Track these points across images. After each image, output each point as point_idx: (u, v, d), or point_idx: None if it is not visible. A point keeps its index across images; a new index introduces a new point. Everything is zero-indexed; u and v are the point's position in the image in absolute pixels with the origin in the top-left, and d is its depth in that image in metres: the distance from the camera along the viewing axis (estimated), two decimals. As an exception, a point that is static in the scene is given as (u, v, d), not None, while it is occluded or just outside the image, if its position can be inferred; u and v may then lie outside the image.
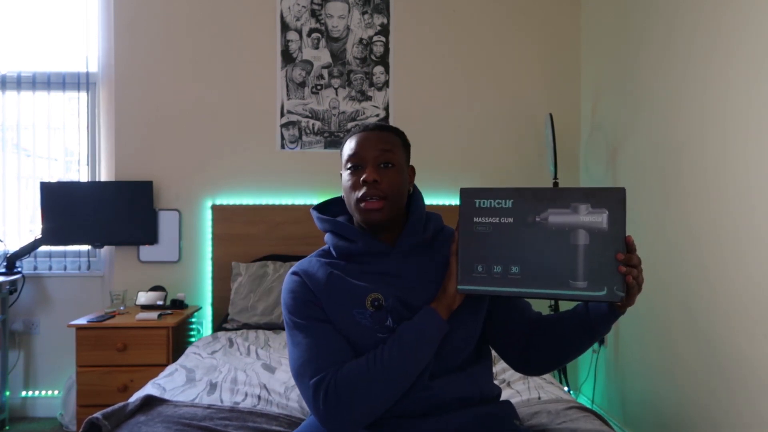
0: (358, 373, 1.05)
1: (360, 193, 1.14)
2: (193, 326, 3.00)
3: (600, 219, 0.98)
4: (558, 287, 1.00)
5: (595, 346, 2.92)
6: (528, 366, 1.22)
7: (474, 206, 1.05)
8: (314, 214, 1.27)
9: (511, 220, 1.03)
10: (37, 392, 3.07)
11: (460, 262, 1.06)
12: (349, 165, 1.18)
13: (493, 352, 1.28)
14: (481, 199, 1.05)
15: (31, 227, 3.16)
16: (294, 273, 1.20)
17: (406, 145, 1.24)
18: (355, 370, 1.06)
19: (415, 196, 1.25)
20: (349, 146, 1.19)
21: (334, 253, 1.22)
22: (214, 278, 2.99)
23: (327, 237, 1.24)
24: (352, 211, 1.19)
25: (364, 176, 1.14)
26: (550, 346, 1.16)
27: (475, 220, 1.05)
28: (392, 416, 1.12)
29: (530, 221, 1.02)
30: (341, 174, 1.23)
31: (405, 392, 1.09)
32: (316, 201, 3.01)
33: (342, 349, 1.11)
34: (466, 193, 1.06)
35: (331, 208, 1.31)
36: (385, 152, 1.16)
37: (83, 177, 3.13)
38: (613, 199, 0.98)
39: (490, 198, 1.04)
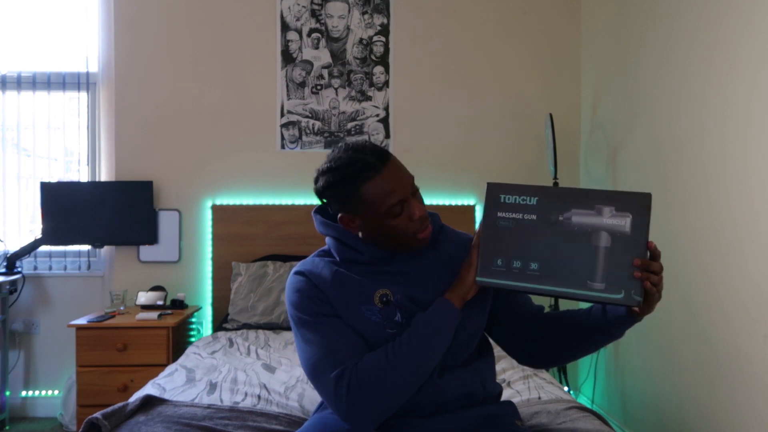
0: (378, 363, 1.05)
1: (416, 230, 1.12)
2: (193, 326, 3.00)
3: (623, 222, 0.98)
4: (575, 287, 1.00)
5: (595, 346, 2.92)
6: (532, 359, 1.23)
7: (499, 201, 1.06)
8: (317, 218, 1.23)
9: (534, 217, 1.04)
10: (37, 392, 3.07)
11: (481, 254, 1.07)
12: (396, 213, 1.10)
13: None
14: (506, 195, 1.06)
15: (31, 227, 3.16)
16: (298, 273, 1.18)
17: None
18: (375, 361, 1.06)
19: None
20: (383, 191, 1.08)
21: (337, 257, 1.21)
22: (214, 278, 2.99)
23: (329, 240, 1.22)
24: (397, 242, 1.14)
25: (418, 214, 1.11)
26: (560, 342, 1.17)
27: (499, 214, 1.06)
28: (398, 415, 1.12)
29: (553, 220, 1.02)
30: (345, 217, 1.15)
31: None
32: (316, 201, 3.01)
33: (356, 342, 1.10)
34: (492, 188, 1.07)
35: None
36: (413, 182, 1.14)
37: (83, 177, 3.13)
38: (638, 204, 0.98)
39: (516, 194, 1.06)
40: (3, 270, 2.94)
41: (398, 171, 1.11)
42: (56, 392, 3.06)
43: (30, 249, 2.92)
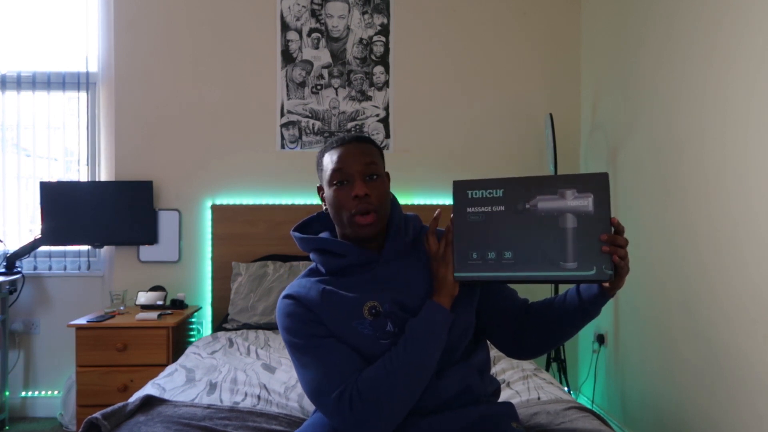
0: (378, 376, 1.06)
1: (353, 209, 1.14)
2: (193, 326, 3.00)
3: (586, 203, 1.02)
4: (550, 269, 1.03)
5: (596, 345, 2.92)
6: (521, 350, 1.24)
7: (467, 197, 1.10)
8: (296, 235, 1.25)
9: (502, 208, 1.08)
10: (37, 392, 3.07)
11: (456, 250, 1.09)
12: (335, 181, 1.16)
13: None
14: (473, 190, 1.10)
15: (31, 227, 3.16)
16: (286, 297, 1.19)
17: (381, 154, 1.25)
18: (374, 374, 1.07)
19: (393, 201, 1.26)
20: (331, 160, 1.18)
21: (323, 269, 1.22)
22: (214, 278, 2.99)
23: (313, 256, 1.23)
24: (343, 226, 1.19)
25: (355, 191, 1.14)
26: (543, 330, 1.19)
27: (469, 210, 1.10)
28: None
29: (520, 208, 1.06)
30: (320, 188, 1.23)
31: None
32: (316, 201, 3.02)
33: (353, 359, 1.11)
34: (459, 185, 1.11)
35: (312, 225, 1.31)
36: (368, 165, 1.17)
37: (83, 177, 3.13)
38: (597, 184, 1.02)
39: (482, 188, 1.10)
40: (3, 270, 2.94)
41: (354, 150, 1.17)
42: (56, 392, 3.06)
43: (30, 249, 2.92)
